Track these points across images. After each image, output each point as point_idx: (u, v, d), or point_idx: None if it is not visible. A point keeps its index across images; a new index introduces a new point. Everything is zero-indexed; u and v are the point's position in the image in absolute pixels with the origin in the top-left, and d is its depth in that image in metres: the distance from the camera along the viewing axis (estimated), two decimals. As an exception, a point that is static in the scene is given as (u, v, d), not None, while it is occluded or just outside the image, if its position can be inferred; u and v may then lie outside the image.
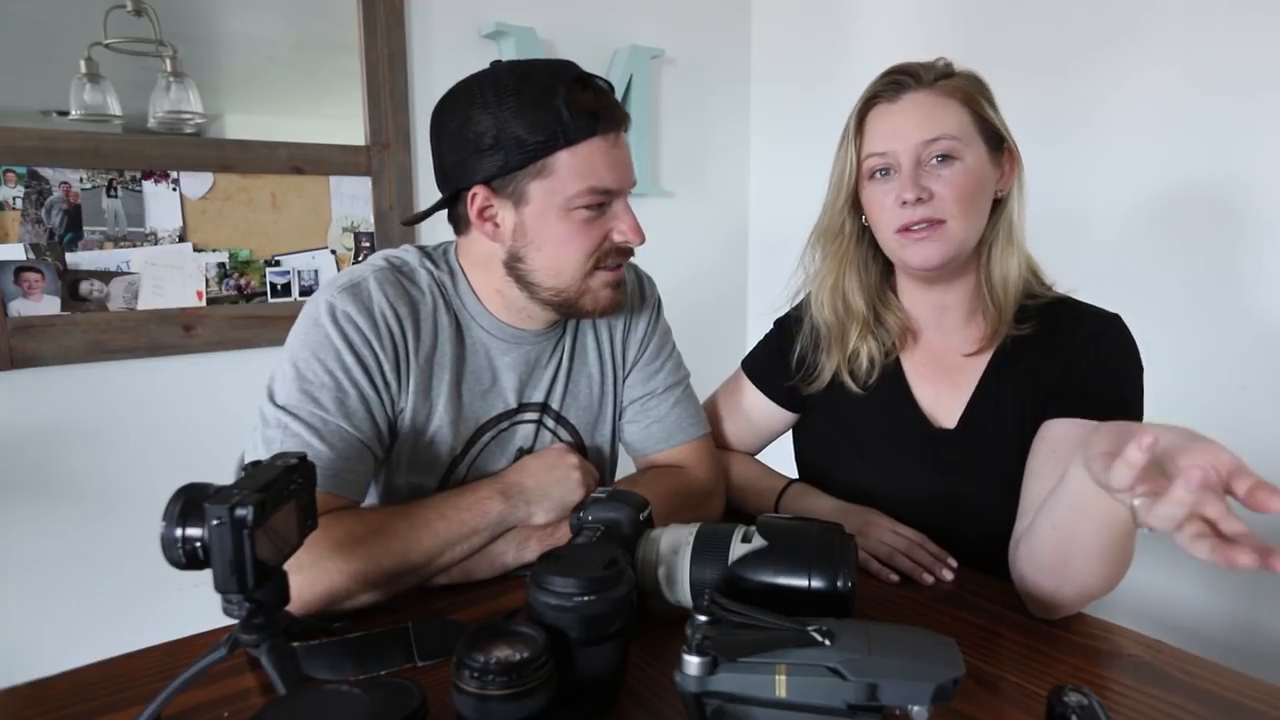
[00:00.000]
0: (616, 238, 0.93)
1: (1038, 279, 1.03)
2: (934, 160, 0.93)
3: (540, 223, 0.90)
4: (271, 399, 0.89)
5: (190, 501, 0.62)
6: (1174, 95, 1.61)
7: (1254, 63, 1.50)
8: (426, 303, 0.96)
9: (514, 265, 0.94)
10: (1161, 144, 1.64)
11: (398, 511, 0.88)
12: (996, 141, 0.97)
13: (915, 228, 0.94)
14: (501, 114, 0.86)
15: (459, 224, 0.97)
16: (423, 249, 1.01)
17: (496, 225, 0.92)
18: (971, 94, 0.95)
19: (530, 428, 1.03)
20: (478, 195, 0.90)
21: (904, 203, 0.93)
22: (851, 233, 1.05)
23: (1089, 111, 1.73)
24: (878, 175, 0.98)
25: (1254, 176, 1.52)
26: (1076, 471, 0.72)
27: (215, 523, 0.59)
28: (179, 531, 0.62)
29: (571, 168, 0.87)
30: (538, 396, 1.03)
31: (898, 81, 0.96)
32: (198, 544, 0.61)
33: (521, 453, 1.03)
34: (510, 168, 0.87)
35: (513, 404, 1.01)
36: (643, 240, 0.93)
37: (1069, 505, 0.76)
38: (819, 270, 1.09)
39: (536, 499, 0.93)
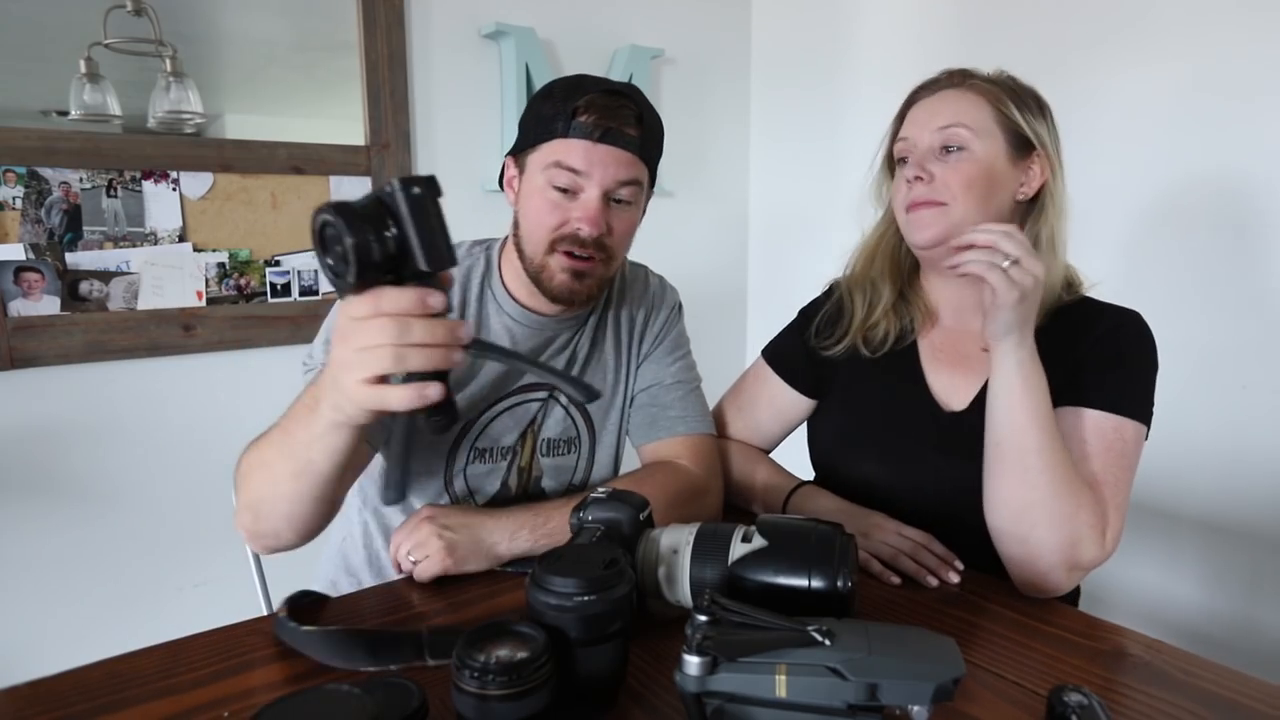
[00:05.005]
0: (574, 223, 0.97)
1: (1070, 291, 1.03)
2: (944, 148, 0.99)
3: (527, 190, 1.00)
4: (308, 364, 0.99)
5: (357, 210, 0.56)
6: (1175, 93, 1.61)
7: (1255, 59, 1.50)
8: (457, 290, 1.05)
9: (515, 230, 1.03)
10: (1163, 142, 1.64)
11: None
12: (1022, 144, 0.99)
13: (919, 206, 1.00)
14: (540, 103, 0.99)
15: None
16: (477, 241, 1.11)
17: (514, 191, 1.04)
18: (999, 96, 0.99)
19: (536, 405, 1.07)
20: (508, 165, 1.05)
21: (908, 181, 1.00)
22: (889, 216, 1.10)
23: (1089, 109, 1.73)
24: (901, 161, 1.05)
25: (1255, 174, 1.52)
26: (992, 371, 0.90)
27: (415, 191, 0.55)
28: (368, 236, 0.56)
29: (554, 147, 0.97)
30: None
31: (939, 80, 1.04)
32: (388, 235, 0.56)
33: (529, 430, 1.07)
34: (525, 144, 1.00)
35: (520, 382, 1.06)
36: (595, 229, 0.97)
37: (991, 407, 0.90)
38: (864, 239, 1.15)
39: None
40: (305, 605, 0.84)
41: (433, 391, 0.60)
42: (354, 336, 0.61)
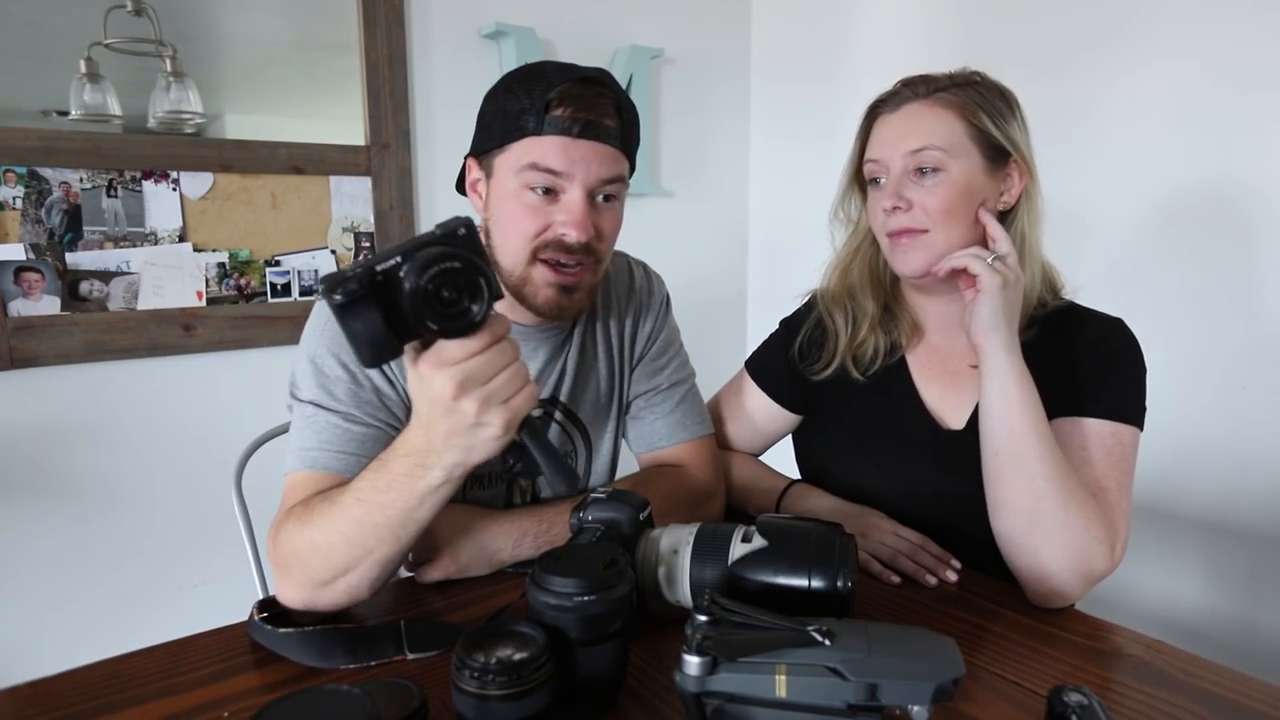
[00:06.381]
0: (558, 228, 0.89)
1: (1053, 293, 1.03)
2: (918, 171, 0.95)
3: (498, 196, 0.92)
4: (297, 395, 0.92)
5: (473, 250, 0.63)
6: (1175, 94, 1.61)
7: (1255, 61, 1.50)
8: None
9: (488, 242, 0.94)
10: (1163, 143, 1.64)
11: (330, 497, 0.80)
12: (997, 154, 0.96)
13: (900, 235, 0.97)
14: (503, 97, 0.90)
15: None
16: None
17: (480, 197, 0.96)
18: (968, 105, 0.95)
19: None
20: (471, 168, 0.96)
21: (885, 211, 0.97)
22: (865, 226, 1.07)
23: (1090, 110, 1.73)
24: (873, 182, 1.01)
25: (1255, 176, 1.52)
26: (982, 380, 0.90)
27: (476, 229, 0.64)
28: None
29: (527, 146, 0.88)
30: (544, 392, 1.03)
31: (899, 92, 0.99)
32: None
33: None
34: (490, 145, 0.91)
35: None
36: (583, 235, 0.88)
37: (986, 415, 0.90)
38: (837, 254, 1.12)
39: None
40: (282, 607, 0.80)
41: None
42: (481, 371, 0.64)
